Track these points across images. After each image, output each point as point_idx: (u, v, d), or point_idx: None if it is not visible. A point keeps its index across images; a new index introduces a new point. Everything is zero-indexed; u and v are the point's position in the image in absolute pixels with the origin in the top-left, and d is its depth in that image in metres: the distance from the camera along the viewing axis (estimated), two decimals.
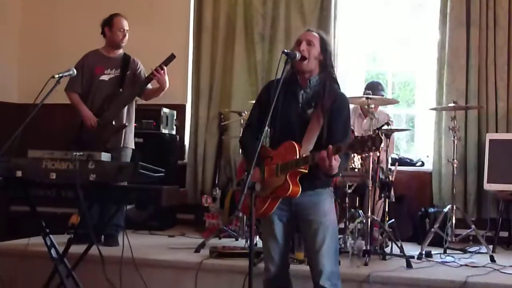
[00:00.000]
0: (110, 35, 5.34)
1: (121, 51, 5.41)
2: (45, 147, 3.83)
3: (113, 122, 5.17)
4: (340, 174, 4.22)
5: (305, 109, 3.35)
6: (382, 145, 4.72)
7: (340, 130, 3.30)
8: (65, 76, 4.06)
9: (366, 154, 4.67)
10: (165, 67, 5.13)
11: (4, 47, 7.32)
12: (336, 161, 3.02)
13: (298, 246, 4.37)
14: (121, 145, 5.22)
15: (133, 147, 5.40)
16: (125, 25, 5.34)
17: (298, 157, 3.16)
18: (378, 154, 4.84)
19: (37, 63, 7.12)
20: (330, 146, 3.03)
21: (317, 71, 3.39)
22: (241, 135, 4.02)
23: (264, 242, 3.48)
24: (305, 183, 3.22)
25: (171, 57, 5.14)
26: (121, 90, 5.23)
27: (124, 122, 5.23)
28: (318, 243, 3.27)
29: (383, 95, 5.77)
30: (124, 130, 5.25)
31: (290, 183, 3.17)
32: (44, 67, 5.55)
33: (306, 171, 3.16)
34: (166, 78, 5.19)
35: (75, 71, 4.24)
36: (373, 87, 5.79)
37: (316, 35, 3.42)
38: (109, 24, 5.32)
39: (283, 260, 3.43)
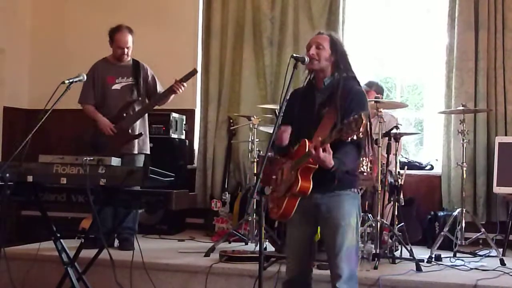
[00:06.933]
0: (112, 48, 5.36)
1: (129, 58, 5.42)
2: (56, 152, 3.87)
3: (129, 131, 5.23)
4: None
5: (320, 110, 3.35)
6: (392, 149, 4.84)
7: None
8: (75, 81, 4.07)
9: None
10: (185, 84, 5.19)
11: (15, 53, 7.35)
12: (327, 153, 3.02)
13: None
14: (136, 152, 5.27)
15: (148, 152, 5.44)
16: (127, 42, 5.29)
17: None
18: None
19: (47, 69, 7.15)
20: (318, 138, 3.05)
21: (331, 71, 3.40)
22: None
23: (287, 244, 3.50)
24: (325, 184, 3.21)
25: (193, 72, 5.19)
26: (139, 98, 5.30)
27: (139, 130, 5.29)
28: (337, 246, 3.25)
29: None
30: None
31: (299, 178, 3.16)
32: (54, 73, 5.61)
33: (316, 166, 3.14)
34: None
35: (85, 76, 4.26)
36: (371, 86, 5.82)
37: (326, 36, 3.42)
38: (111, 38, 5.32)
39: (303, 263, 3.43)
